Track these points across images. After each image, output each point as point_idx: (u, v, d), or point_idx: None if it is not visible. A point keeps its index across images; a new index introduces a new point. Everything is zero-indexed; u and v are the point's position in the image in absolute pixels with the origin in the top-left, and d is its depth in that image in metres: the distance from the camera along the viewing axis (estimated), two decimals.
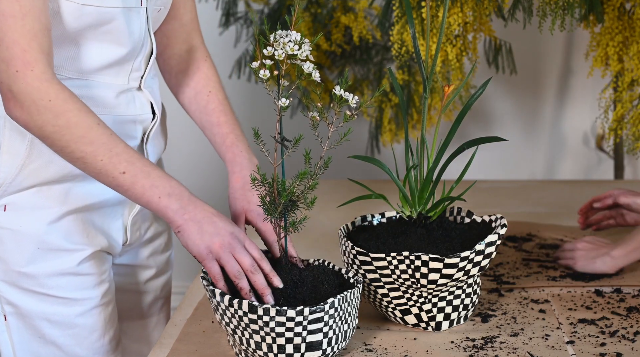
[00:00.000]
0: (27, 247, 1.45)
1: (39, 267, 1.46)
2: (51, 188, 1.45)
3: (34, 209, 1.45)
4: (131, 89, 1.50)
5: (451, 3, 2.02)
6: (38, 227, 1.45)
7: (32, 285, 1.46)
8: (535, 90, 2.79)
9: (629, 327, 1.40)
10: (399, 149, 2.59)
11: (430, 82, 1.40)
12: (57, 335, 1.49)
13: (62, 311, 1.48)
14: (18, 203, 1.45)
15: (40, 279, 1.46)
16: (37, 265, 1.46)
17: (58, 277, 1.47)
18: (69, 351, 1.50)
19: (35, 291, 1.47)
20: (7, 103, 1.32)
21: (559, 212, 2.02)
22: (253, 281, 1.30)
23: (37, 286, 1.47)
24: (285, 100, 1.25)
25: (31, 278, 1.46)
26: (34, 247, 1.45)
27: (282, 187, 1.28)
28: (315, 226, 1.55)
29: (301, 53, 1.23)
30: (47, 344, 1.50)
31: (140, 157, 1.35)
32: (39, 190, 1.45)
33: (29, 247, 1.45)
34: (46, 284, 1.47)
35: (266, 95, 2.84)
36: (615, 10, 2.05)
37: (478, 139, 1.40)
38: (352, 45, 2.54)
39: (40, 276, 1.46)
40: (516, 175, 2.84)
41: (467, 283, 1.39)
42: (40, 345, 1.50)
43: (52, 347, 1.50)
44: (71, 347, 1.50)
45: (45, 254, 1.46)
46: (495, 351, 1.33)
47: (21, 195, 1.45)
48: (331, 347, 1.27)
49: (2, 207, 1.45)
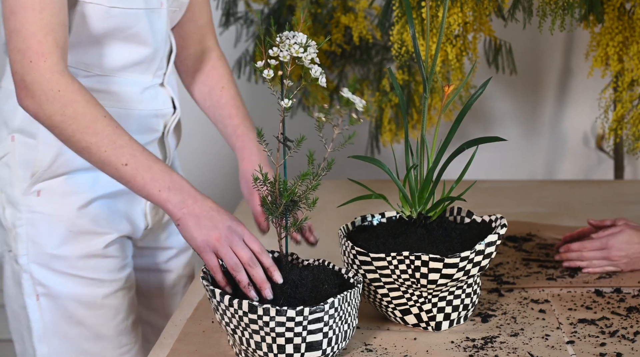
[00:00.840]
0: (59, 230, 1.55)
1: (70, 249, 1.56)
2: (81, 175, 1.56)
3: (65, 194, 1.55)
4: (155, 86, 1.62)
5: (451, 3, 2.02)
6: (69, 212, 1.56)
7: (64, 267, 1.56)
8: (535, 90, 2.79)
9: (629, 327, 1.40)
10: (399, 149, 2.59)
11: (430, 82, 1.40)
12: (85, 316, 1.59)
13: (91, 292, 1.58)
14: (51, 189, 1.55)
15: (71, 260, 1.56)
16: (68, 247, 1.56)
17: (87, 259, 1.57)
18: (95, 331, 1.60)
19: (66, 272, 1.56)
20: (19, 92, 1.38)
21: (559, 212, 2.02)
22: (252, 274, 1.31)
23: (68, 268, 1.56)
24: (288, 101, 1.25)
25: (63, 260, 1.56)
26: (66, 230, 1.56)
27: (283, 187, 1.28)
28: (315, 225, 1.55)
29: (306, 56, 1.23)
30: (76, 324, 1.59)
31: (143, 151, 1.40)
32: (69, 177, 1.55)
33: (61, 230, 1.55)
34: (76, 266, 1.57)
35: (266, 95, 2.84)
36: (615, 10, 2.05)
37: (478, 139, 1.40)
38: (352, 45, 2.54)
39: (71, 258, 1.56)
40: (516, 176, 2.84)
41: (467, 283, 1.39)
42: (69, 325, 1.59)
43: (80, 328, 1.59)
44: (97, 327, 1.60)
45: (76, 237, 1.56)
46: (495, 351, 1.33)
47: (53, 181, 1.55)
48: (331, 347, 1.27)
49: (35, 192, 1.54)
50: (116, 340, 1.62)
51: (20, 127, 1.55)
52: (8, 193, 1.57)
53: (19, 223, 1.56)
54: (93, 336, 1.60)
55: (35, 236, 1.55)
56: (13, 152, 1.56)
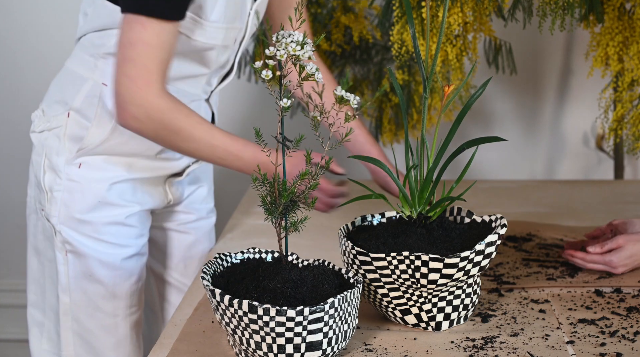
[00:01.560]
0: (90, 199, 1.73)
1: (96, 215, 1.74)
2: (119, 158, 1.75)
3: (102, 170, 1.74)
4: (200, 99, 1.80)
5: (451, 3, 2.02)
6: (102, 186, 1.74)
7: (89, 230, 1.74)
8: (535, 90, 2.79)
9: (629, 327, 1.40)
10: (399, 149, 2.59)
11: (430, 82, 1.40)
12: (104, 275, 1.76)
13: (112, 253, 1.76)
14: (91, 164, 1.73)
15: (96, 225, 1.74)
16: (95, 214, 1.74)
17: (110, 226, 1.75)
18: (111, 290, 1.77)
19: (91, 235, 1.74)
20: (122, 112, 1.57)
21: (559, 212, 2.02)
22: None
23: (93, 232, 1.74)
24: (287, 100, 1.25)
25: (89, 224, 1.74)
26: (96, 200, 1.74)
27: (283, 187, 1.28)
28: (315, 226, 1.55)
29: (303, 53, 1.23)
30: (94, 282, 1.76)
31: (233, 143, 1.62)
32: (109, 157, 1.74)
33: (92, 199, 1.74)
34: (100, 230, 1.75)
35: (266, 95, 2.85)
36: (615, 10, 2.05)
37: (478, 139, 1.40)
38: (352, 45, 2.54)
39: (97, 224, 1.74)
40: (516, 176, 2.84)
41: (467, 283, 1.39)
42: (89, 282, 1.76)
43: (99, 286, 1.76)
44: (114, 286, 1.77)
45: (103, 207, 1.74)
46: (495, 351, 1.33)
47: (95, 158, 1.73)
48: (331, 347, 1.27)
49: (78, 164, 1.73)
50: (128, 300, 1.80)
51: (79, 108, 1.71)
52: (52, 160, 1.74)
53: (57, 188, 1.73)
54: (109, 294, 1.77)
55: (68, 201, 1.73)
56: (65, 126, 1.72)
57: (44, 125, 1.76)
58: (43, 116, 1.77)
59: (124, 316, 1.80)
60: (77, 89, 1.72)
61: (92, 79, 1.71)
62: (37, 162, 1.77)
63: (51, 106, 1.77)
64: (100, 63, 1.70)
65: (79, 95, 1.72)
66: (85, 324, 1.77)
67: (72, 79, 1.75)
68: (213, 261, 1.38)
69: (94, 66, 1.71)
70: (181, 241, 1.96)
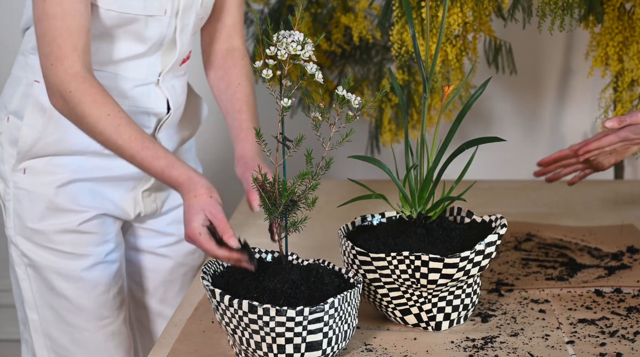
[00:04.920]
0: (38, 206, 1.64)
1: (47, 224, 1.65)
2: (63, 158, 1.64)
3: (46, 173, 1.64)
4: (148, 84, 1.66)
5: (451, 3, 2.02)
6: (48, 190, 1.64)
7: (43, 240, 1.65)
8: (535, 90, 2.79)
9: (629, 327, 1.40)
10: (399, 149, 2.59)
11: (430, 82, 1.40)
12: (65, 287, 1.67)
13: (69, 264, 1.66)
14: (35, 168, 1.64)
15: (48, 235, 1.65)
16: (45, 222, 1.65)
17: (63, 234, 1.65)
18: (77, 303, 1.68)
19: (45, 245, 1.65)
20: (48, 92, 1.51)
21: (559, 212, 2.02)
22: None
23: (47, 242, 1.65)
24: (287, 100, 1.25)
25: (41, 234, 1.65)
26: (44, 206, 1.64)
27: (283, 187, 1.28)
28: (315, 226, 1.56)
29: (304, 53, 1.23)
30: (58, 296, 1.67)
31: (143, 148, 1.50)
32: (52, 158, 1.64)
33: (40, 206, 1.64)
34: (54, 240, 1.65)
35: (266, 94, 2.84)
36: (615, 10, 2.05)
37: (478, 139, 1.40)
38: (352, 45, 2.54)
39: (48, 232, 1.65)
40: (516, 176, 2.84)
41: (467, 283, 1.39)
42: (53, 297, 1.68)
43: (63, 299, 1.68)
44: (79, 299, 1.68)
45: (53, 213, 1.65)
46: (495, 351, 1.33)
47: (37, 161, 1.64)
48: (331, 347, 1.27)
49: (22, 170, 1.64)
50: (97, 312, 1.69)
51: (15, 110, 1.64)
52: (0, 169, 1.67)
53: (7, 198, 1.67)
54: (74, 308, 1.68)
55: (19, 210, 1.66)
56: (6, 132, 1.66)
57: None
58: None
59: (95, 329, 1.70)
60: (13, 90, 1.66)
61: (25, 78, 1.64)
62: None
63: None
64: (30, 60, 1.63)
65: (15, 96, 1.65)
66: (58, 340, 1.69)
67: (10, 82, 1.68)
68: (213, 261, 1.38)
69: (25, 64, 1.64)
70: (158, 265, 1.83)
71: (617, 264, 1.67)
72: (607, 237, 1.81)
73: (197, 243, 1.44)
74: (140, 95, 1.65)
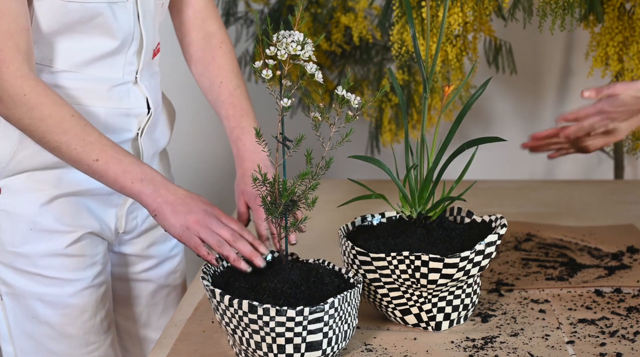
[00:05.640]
0: (21, 228, 1.52)
1: (32, 247, 1.52)
2: (44, 173, 1.52)
3: (27, 191, 1.52)
4: (126, 83, 1.55)
5: (451, 3, 2.02)
6: (31, 209, 1.52)
7: (26, 265, 1.53)
8: (535, 90, 2.79)
9: (629, 327, 1.40)
10: (399, 149, 2.59)
11: (430, 82, 1.40)
12: (49, 315, 1.55)
13: (54, 291, 1.55)
14: (12, 186, 1.51)
15: (33, 259, 1.53)
16: (30, 246, 1.52)
17: (50, 258, 1.53)
18: (61, 330, 1.56)
19: (29, 271, 1.53)
20: None
21: (559, 212, 2.02)
22: (238, 248, 1.35)
23: (31, 266, 1.53)
24: (287, 100, 1.25)
25: (25, 258, 1.52)
26: (27, 228, 1.52)
27: (283, 187, 1.28)
28: (315, 226, 1.55)
29: (304, 53, 1.23)
30: (41, 323, 1.55)
31: (112, 145, 1.42)
32: (32, 174, 1.51)
33: (23, 228, 1.52)
34: (39, 264, 1.53)
35: (266, 95, 2.84)
36: (615, 10, 2.06)
37: (478, 139, 1.40)
38: (352, 45, 2.54)
39: (33, 256, 1.52)
40: (516, 176, 2.84)
41: (467, 283, 1.39)
42: (34, 325, 1.55)
43: (45, 327, 1.56)
44: (63, 326, 1.56)
45: (38, 235, 1.52)
46: (495, 351, 1.33)
47: (15, 178, 1.51)
48: (331, 347, 1.27)
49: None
50: (83, 339, 1.59)
51: None
52: None
53: None
54: (58, 335, 1.57)
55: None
56: None
57: None
58: None
59: (81, 355, 1.59)
60: None
61: None
62: None
63: None
64: None
65: None
66: None
67: None
68: None
69: None
70: (141, 290, 1.73)
71: (617, 264, 1.67)
72: (607, 237, 1.81)
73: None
74: (119, 96, 1.54)
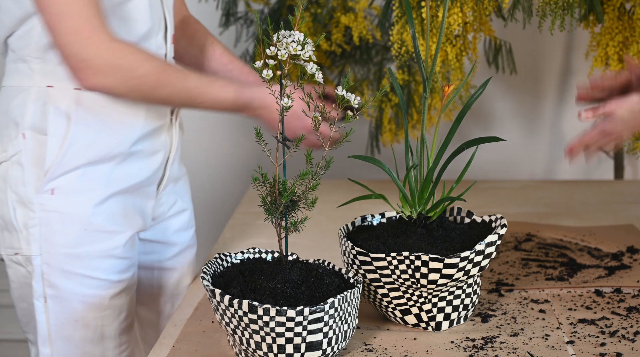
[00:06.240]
0: (74, 229, 1.52)
1: (85, 248, 1.53)
2: (95, 170, 1.53)
3: (80, 191, 1.52)
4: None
5: (451, 3, 2.02)
6: (85, 209, 1.53)
7: (77, 267, 1.54)
8: (535, 90, 2.79)
9: (629, 327, 1.40)
10: (399, 149, 2.58)
11: (430, 82, 1.40)
12: (91, 317, 1.57)
13: (99, 293, 1.56)
14: (65, 186, 1.51)
15: (85, 260, 1.54)
16: (84, 247, 1.53)
17: (101, 259, 1.55)
18: (100, 333, 1.59)
19: (78, 273, 1.54)
20: (82, 73, 1.42)
21: (559, 212, 2.02)
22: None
23: (82, 268, 1.54)
24: (287, 100, 1.25)
25: (77, 259, 1.53)
26: (81, 228, 1.53)
27: (283, 187, 1.28)
28: (315, 226, 1.55)
29: (304, 53, 1.23)
30: (81, 328, 1.57)
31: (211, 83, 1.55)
32: (83, 172, 1.52)
33: (77, 228, 1.52)
34: (90, 266, 1.54)
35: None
36: (615, 10, 2.05)
37: (478, 139, 1.40)
38: (352, 45, 2.54)
39: (85, 257, 1.54)
40: (516, 176, 2.84)
41: (467, 283, 1.39)
42: (75, 328, 1.57)
43: (85, 330, 1.57)
44: (101, 328, 1.59)
45: (92, 236, 1.54)
46: (495, 351, 1.33)
47: (67, 178, 1.51)
48: (331, 347, 1.27)
49: (49, 191, 1.51)
50: (117, 339, 1.61)
51: (31, 125, 1.51)
52: (20, 193, 1.52)
53: (32, 223, 1.52)
54: (97, 338, 1.58)
55: (49, 236, 1.52)
56: (25, 150, 1.51)
57: (0, 156, 1.54)
58: None
59: (114, 356, 1.62)
60: (23, 103, 1.51)
61: (35, 86, 1.51)
62: (1, 200, 1.54)
63: (2, 133, 1.54)
64: (34, 65, 1.51)
65: (27, 109, 1.51)
66: None
67: (13, 96, 1.53)
68: (213, 261, 1.38)
69: (30, 70, 1.51)
70: (167, 279, 1.76)
71: (617, 264, 1.67)
72: (607, 237, 1.81)
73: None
74: None
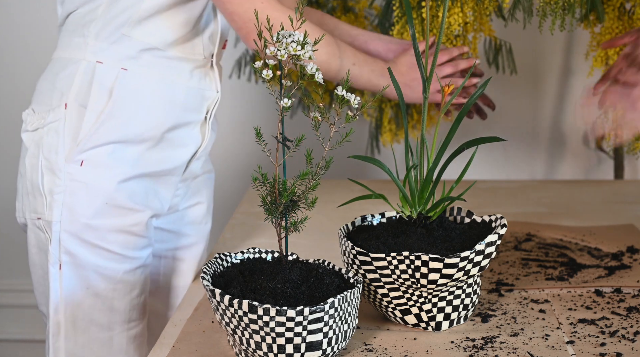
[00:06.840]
0: (97, 201, 1.58)
1: (104, 221, 1.59)
2: (125, 149, 1.58)
3: (107, 167, 1.58)
4: (205, 66, 1.68)
5: (451, 3, 2.02)
6: (110, 184, 1.58)
7: (94, 238, 1.59)
8: (535, 90, 2.79)
9: (629, 327, 1.40)
10: (399, 149, 2.59)
11: (430, 82, 1.40)
12: (102, 288, 1.61)
13: (113, 266, 1.61)
14: (94, 160, 1.57)
15: (102, 232, 1.59)
16: (103, 219, 1.58)
17: (117, 234, 1.60)
18: (110, 304, 1.63)
19: (95, 244, 1.59)
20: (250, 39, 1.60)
21: (559, 212, 2.02)
22: None
23: (98, 239, 1.59)
24: (287, 100, 1.25)
25: (95, 230, 1.58)
26: (103, 202, 1.58)
27: (283, 187, 1.28)
28: (315, 226, 1.56)
29: (304, 53, 1.23)
30: (91, 295, 1.61)
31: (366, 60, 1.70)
32: (114, 149, 1.57)
33: (99, 201, 1.58)
34: (106, 238, 1.59)
35: (266, 95, 2.85)
36: (615, 10, 2.06)
37: (478, 139, 1.40)
38: None
39: (103, 229, 1.59)
40: (516, 176, 2.84)
41: (467, 283, 1.39)
42: (85, 295, 1.61)
43: (94, 299, 1.61)
44: (113, 300, 1.63)
45: (112, 210, 1.59)
46: (495, 351, 1.33)
47: (98, 152, 1.57)
48: (331, 347, 1.27)
49: (79, 161, 1.57)
50: (127, 314, 1.65)
51: (75, 96, 1.57)
52: (51, 160, 1.58)
53: (57, 190, 1.57)
54: (106, 308, 1.62)
55: (71, 204, 1.57)
56: (64, 119, 1.57)
57: (37, 122, 1.60)
58: (34, 114, 1.62)
59: (121, 330, 1.65)
60: (71, 74, 1.59)
61: (85, 60, 1.57)
62: (32, 164, 1.60)
63: (44, 101, 1.61)
64: (90, 40, 1.58)
65: (74, 80, 1.58)
66: (78, 340, 1.62)
67: (63, 67, 1.61)
68: (213, 261, 1.38)
69: (85, 45, 1.58)
70: (173, 269, 1.79)
71: (617, 264, 1.67)
72: (607, 237, 1.81)
73: None
74: (199, 78, 1.66)
